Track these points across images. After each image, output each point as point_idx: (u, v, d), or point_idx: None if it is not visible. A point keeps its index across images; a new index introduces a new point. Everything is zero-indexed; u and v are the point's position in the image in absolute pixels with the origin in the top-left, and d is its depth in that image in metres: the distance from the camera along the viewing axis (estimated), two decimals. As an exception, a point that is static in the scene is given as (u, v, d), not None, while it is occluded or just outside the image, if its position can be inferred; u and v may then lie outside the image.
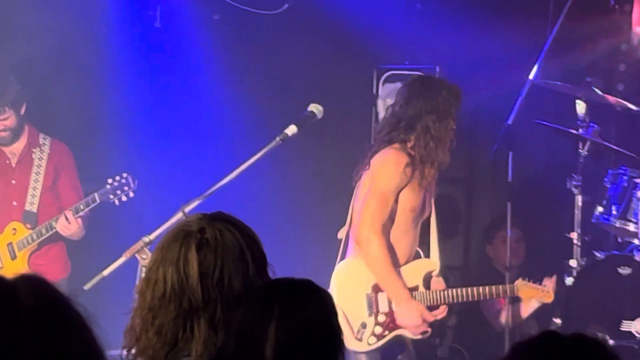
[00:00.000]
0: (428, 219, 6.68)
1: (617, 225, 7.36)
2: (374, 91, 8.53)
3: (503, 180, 7.37)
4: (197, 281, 3.05)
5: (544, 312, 7.40)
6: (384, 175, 6.44)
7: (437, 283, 6.88)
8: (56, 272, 7.29)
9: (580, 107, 7.53)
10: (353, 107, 8.50)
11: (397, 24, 8.45)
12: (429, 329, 6.48)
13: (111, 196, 7.51)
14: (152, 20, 8.03)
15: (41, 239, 7.52)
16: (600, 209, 7.51)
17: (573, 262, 7.46)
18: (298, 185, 8.45)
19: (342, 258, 6.63)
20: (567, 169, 7.69)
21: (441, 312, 6.56)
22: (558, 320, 7.22)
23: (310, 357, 2.91)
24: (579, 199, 7.55)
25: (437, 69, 8.30)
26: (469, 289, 6.84)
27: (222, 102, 8.01)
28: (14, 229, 7.51)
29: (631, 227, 7.29)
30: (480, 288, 6.81)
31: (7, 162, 7.67)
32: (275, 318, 2.83)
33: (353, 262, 6.51)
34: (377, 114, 8.53)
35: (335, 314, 2.98)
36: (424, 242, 6.72)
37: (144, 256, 5.22)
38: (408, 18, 8.50)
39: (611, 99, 7.73)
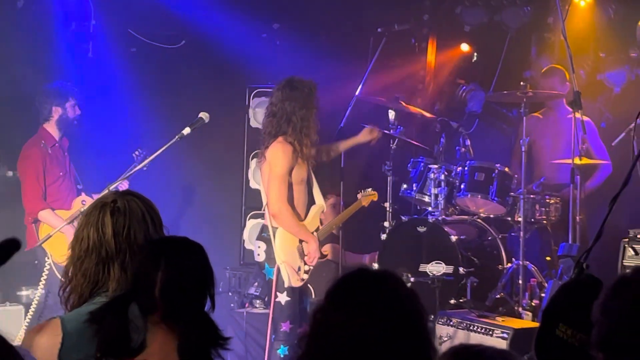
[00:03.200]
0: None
1: (417, 197, 7.99)
2: (247, 103, 8.82)
3: (337, 165, 7.75)
4: (111, 237, 3.14)
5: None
6: (278, 163, 6.66)
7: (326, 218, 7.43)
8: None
9: (391, 114, 8.02)
10: (231, 114, 8.67)
11: (262, 54, 8.80)
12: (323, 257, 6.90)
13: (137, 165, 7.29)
14: (86, 51, 8.10)
15: None
16: (405, 185, 8.13)
17: (386, 223, 8.01)
18: (192, 170, 8.53)
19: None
20: (383, 158, 8.12)
21: (325, 251, 7.06)
22: (376, 265, 7.68)
23: (188, 293, 2.93)
24: (390, 179, 8.05)
25: None
26: (335, 219, 7.45)
27: (139, 111, 8.03)
28: (83, 201, 7.42)
29: (426, 199, 7.92)
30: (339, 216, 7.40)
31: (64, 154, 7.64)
32: (162, 268, 2.88)
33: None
34: (248, 119, 8.82)
35: (206, 261, 2.99)
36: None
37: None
38: (270, 49, 8.90)
39: (412, 109, 8.34)
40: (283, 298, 6.67)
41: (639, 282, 2.29)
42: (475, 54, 9.45)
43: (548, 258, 7.84)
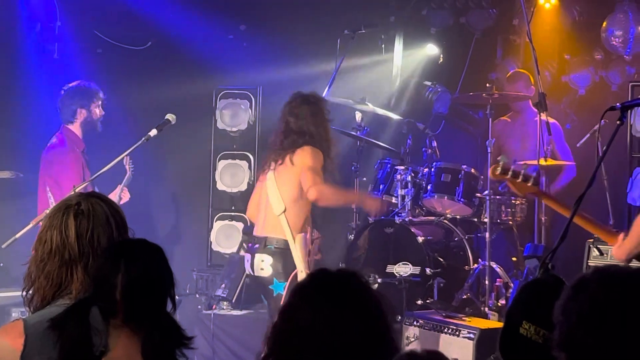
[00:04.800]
0: None
1: (384, 198, 7.83)
2: (214, 105, 8.79)
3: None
4: (75, 240, 3.12)
5: (333, 259, 7.87)
6: (315, 160, 6.62)
7: None
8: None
9: (358, 116, 8.07)
10: (198, 115, 8.67)
11: (229, 55, 8.78)
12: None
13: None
14: (51, 53, 8.03)
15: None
16: (371, 187, 8.09)
17: (352, 224, 8.05)
18: (159, 171, 8.54)
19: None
20: (351, 159, 8.09)
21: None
22: (343, 265, 7.55)
23: (149, 295, 2.93)
24: (357, 180, 8.07)
25: (259, 89, 8.71)
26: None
27: (105, 112, 7.72)
28: None
29: (393, 200, 7.83)
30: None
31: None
32: (121, 270, 2.88)
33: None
34: (215, 121, 8.78)
35: (165, 262, 2.99)
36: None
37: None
38: (237, 51, 8.86)
39: (379, 111, 8.41)
40: None
41: (598, 282, 2.31)
42: (442, 55, 9.43)
43: (514, 258, 7.85)
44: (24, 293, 3.19)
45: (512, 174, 5.38)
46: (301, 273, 6.58)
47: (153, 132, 6.99)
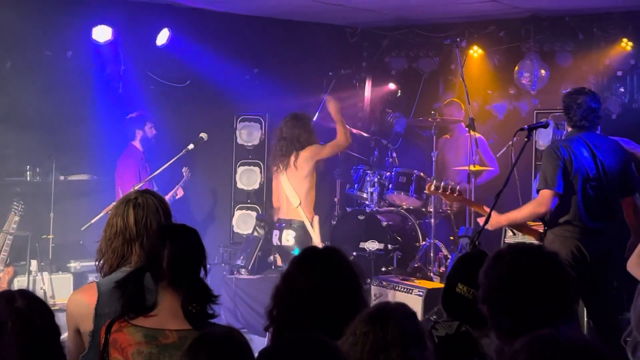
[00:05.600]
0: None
1: (357, 194, 8.03)
2: (234, 126, 8.66)
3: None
4: (133, 224, 3.09)
5: (322, 237, 7.41)
6: (313, 152, 6.72)
7: None
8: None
9: None
10: (223, 134, 8.46)
11: (246, 90, 8.60)
12: None
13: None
14: (117, 88, 7.83)
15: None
16: (348, 186, 8.22)
17: (335, 212, 8.39)
18: (196, 175, 8.23)
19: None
20: (334, 165, 8.32)
21: None
22: (328, 242, 7.45)
23: (187, 265, 2.82)
24: (338, 181, 8.46)
25: (267, 114, 8.55)
26: None
27: (159, 133, 7.75)
28: None
29: (364, 195, 7.91)
30: None
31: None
32: (167, 247, 2.79)
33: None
34: (235, 138, 8.62)
35: (199, 241, 2.86)
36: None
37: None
38: (251, 87, 8.69)
39: (354, 130, 8.35)
40: None
41: (511, 255, 2.30)
42: (399, 91, 9.44)
43: (452, 238, 7.80)
44: (97, 263, 3.16)
45: (442, 189, 5.42)
46: (318, 245, 6.59)
47: (190, 146, 7.13)
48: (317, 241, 6.70)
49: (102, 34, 7.41)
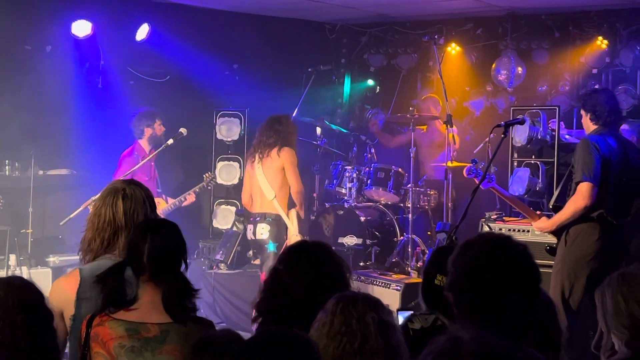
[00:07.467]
0: None
1: (336, 189, 7.95)
2: (214, 121, 8.61)
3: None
4: (122, 215, 3.09)
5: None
6: (295, 160, 6.65)
7: None
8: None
9: (318, 130, 8.14)
10: (202, 129, 8.42)
11: (225, 86, 8.57)
12: None
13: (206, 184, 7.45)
14: (96, 83, 7.70)
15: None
16: (327, 181, 8.14)
17: (314, 208, 8.19)
18: (175, 170, 8.29)
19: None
20: (313, 161, 8.19)
21: None
22: (307, 237, 6.95)
23: (167, 259, 2.82)
24: (317, 177, 8.29)
25: (247, 110, 8.48)
26: None
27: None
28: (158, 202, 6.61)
29: (343, 190, 7.85)
30: None
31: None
32: (148, 241, 2.78)
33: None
34: (215, 133, 8.56)
35: (180, 235, 2.87)
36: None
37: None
38: (231, 83, 8.67)
39: (333, 126, 8.50)
40: None
41: (479, 245, 2.28)
42: (378, 87, 9.44)
43: (429, 233, 7.83)
44: (81, 252, 3.17)
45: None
46: (295, 237, 6.60)
47: (170, 141, 7.08)
48: (294, 233, 6.67)
49: (81, 28, 7.33)
